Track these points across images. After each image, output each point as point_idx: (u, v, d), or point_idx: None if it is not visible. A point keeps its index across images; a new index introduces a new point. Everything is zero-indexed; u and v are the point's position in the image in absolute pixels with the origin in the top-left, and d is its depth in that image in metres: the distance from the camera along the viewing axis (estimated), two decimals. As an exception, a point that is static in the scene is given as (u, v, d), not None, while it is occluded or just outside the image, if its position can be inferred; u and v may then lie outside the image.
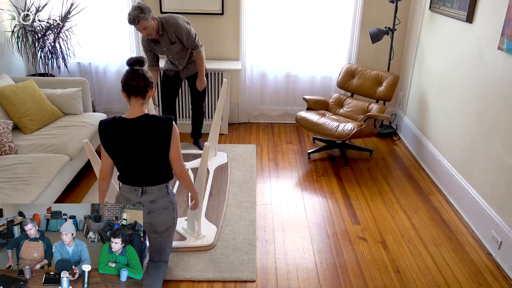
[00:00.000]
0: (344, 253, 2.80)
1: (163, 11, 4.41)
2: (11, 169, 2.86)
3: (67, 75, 4.55)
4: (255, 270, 2.60)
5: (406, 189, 3.59)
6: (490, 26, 2.94)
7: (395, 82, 4.02)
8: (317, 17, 4.51)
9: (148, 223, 2.26)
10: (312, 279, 2.56)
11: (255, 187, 3.54)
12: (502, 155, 2.76)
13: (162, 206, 2.26)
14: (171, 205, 2.30)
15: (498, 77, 2.83)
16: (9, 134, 3.18)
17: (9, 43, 4.16)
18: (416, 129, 4.24)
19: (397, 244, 2.89)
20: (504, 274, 2.64)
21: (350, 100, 4.25)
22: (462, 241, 2.95)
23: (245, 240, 2.88)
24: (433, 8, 3.90)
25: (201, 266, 2.62)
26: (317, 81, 4.77)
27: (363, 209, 3.30)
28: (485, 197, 2.94)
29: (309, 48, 4.64)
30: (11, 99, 3.43)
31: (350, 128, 3.68)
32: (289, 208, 3.29)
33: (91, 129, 3.62)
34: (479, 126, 3.06)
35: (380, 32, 4.30)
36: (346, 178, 3.76)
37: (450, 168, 3.45)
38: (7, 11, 4.13)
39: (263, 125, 4.92)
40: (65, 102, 3.78)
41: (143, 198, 2.22)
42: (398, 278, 2.59)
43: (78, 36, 4.43)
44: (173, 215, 2.34)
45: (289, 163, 4.00)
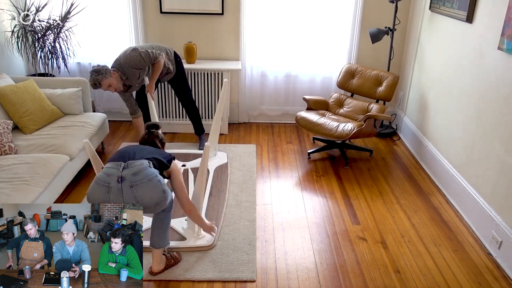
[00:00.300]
0: (344, 253, 2.80)
1: (163, 11, 4.41)
2: (11, 169, 2.86)
3: (67, 75, 4.55)
4: (255, 270, 2.60)
5: (406, 189, 3.59)
6: (490, 26, 2.94)
7: (395, 82, 4.02)
8: (317, 17, 4.51)
9: (133, 197, 2.16)
10: (312, 279, 2.56)
11: (255, 187, 3.54)
12: (502, 155, 2.76)
13: (146, 178, 2.17)
14: (155, 177, 2.21)
15: (498, 77, 2.83)
16: (9, 134, 3.18)
17: (9, 43, 4.16)
18: (416, 129, 4.24)
19: (397, 244, 2.89)
20: (504, 274, 2.64)
21: (350, 100, 4.25)
22: (462, 241, 2.95)
23: (245, 240, 2.88)
24: (433, 8, 3.90)
25: (201, 266, 2.62)
26: (317, 81, 4.77)
27: (363, 209, 3.30)
28: (485, 197, 2.94)
29: (309, 48, 4.64)
30: (11, 99, 3.43)
31: (350, 128, 3.68)
32: (289, 208, 3.29)
33: (91, 129, 3.62)
34: (479, 126, 3.06)
35: (380, 32, 4.30)
36: (346, 178, 3.76)
37: (450, 168, 3.45)
38: (7, 11, 4.13)
39: (263, 125, 4.92)
40: (65, 102, 3.78)
41: (124, 172, 2.17)
42: (398, 278, 2.59)
43: (78, 36, 4.43)
44: (160, 187, 2.21)
45: (289, 163, 4.00)
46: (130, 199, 2.15)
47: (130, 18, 4.45)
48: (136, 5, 4.38)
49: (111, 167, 2.22)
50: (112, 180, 2.16)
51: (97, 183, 2.18)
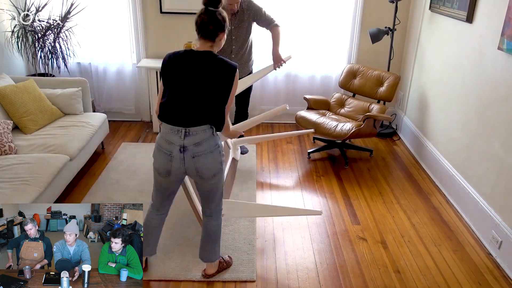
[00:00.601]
0: (344, 253, 2.80)
1: (163, 11, 4.41)
2: (11, 169, 2.86)
3: (67, 75, 4.55)
4: (255, 270, 2.60)
5: (406, 189, 3.59)
6: (490, 26, 2.94)
7: (396, 82, 4.02)
8: (317, 17, 4.51)
9: (194, 167, 2.13)
10: (312, 279, 2.56)
11: (255, 187, 3.54)
12: (502, 155, 2.76)
13: (208, 149, 2.12)
14: (217, 148, 2.17)
15: (498, 77, 2.83)
16: (9, 134, 3.18)
17: (9, 43, 4.16)
18: (416, 129, 4.24)
19: (397, 244, 2.89)
20: (504, 274, 2.64)
21: (351, 100, 4.25)
22: (462, 241, 2.95)
23: (245, 240, 2.88)
24: (433, 8, 3.90)
25: (201, 266, 2.62)
26: (317, 81, 4.77)
27: (363, 209, 3.30)
28: (485, 197, 2.94)
29: (309, 48, 4.63)
30: (11, 99, 3.43)
31: (348, 128, 3.68)
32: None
33: (91, 129, 3.62)
34: (479, 126, 3.06)
35: (380, 32, 4.30)
36: (346, 178, 3.76)
37: (450, 168, 3.45)
38: (7, 11, 4.13)
39: (263, 125, 4.92)
40: (65, 102, 3.78)
41: (186, 140, 2.09)
42: (398, 278, 2.59)
43: (78, 36, 4.43)
44: (219, 159, 2.20)
45: (289, 163, 4.00)
46: (191, 169, 2.14)
47: (130, 18, 4.45)
48: (136, 5, 4.38)
49: (171, 131, 2.11)
50: (174, 149, 2.10)
51: (159, 150, 2.14)
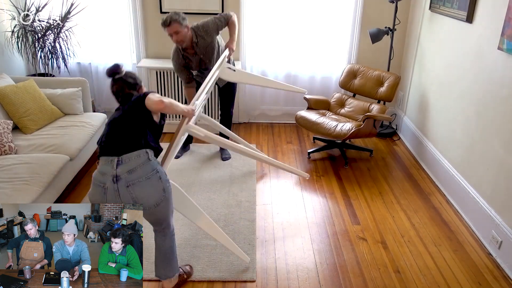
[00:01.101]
0: (344, 253, 2.80)
1: (163, 11, 4.41)
2: (11, 169, 2.86)
3: (67, 75, 4.55)
4: (255, 270, 2.60)
5: (406, 189, 3.59)
6: (490, 26, 2.94)
7: (397, 82, 4.02)
8: (317, 17, 4.51)
9: (130, 198, 1.98)
10: (312, 279, 2.56)
11: (255, 187, 3.54)
12: (502, 155, 2.76)
13: (143, 176, 1.97)
14: (155, 173, 2.00)
15: (498, 77, 2.83)
16: (9, 134, 3.18)
17: (9, 43, 4.16)
18: (416, 129, 4.24)
19: (397, 244, 2.89)
20: (504, 274, 2.64)
21: (351, 100, 4.25)
22: (462, 241, 2.95)
23: (245, 240, 2.87)
24: (433, 8, 3.90)
25: (201, 266, 2.62)
26: (317, 81, 4.77)
27: (363, 209, 3.30)
28: (485, 197, 2.94)
29: (309, 48, 4.64)
30: (11, 99, 3.43)
31: (348, 128, 3.68)
32: (289, 208, 3.29)
33: (91, 129, 3.62)
34: (479, 126, 3.06)
35: (380, 32, 4.30)
36: (346, 178, 3.76)
37: (450, 168, 3.45)
38: (7, 11, 4.13)
39: (263, 125, 4.92)
40: (65, 102, 3.78)
41: (119, 169, 1.97)
42: (398, 278, 2.59)
43: (78, 36, 4.43)
44: (160, 186, 2.03)
45: (289, 163, 4.00)
46: (128, 200, 2.00)
47: (130, 18, 4.45)
48: (136, 5, 4.39)
49: (104, 163, 2.01)
50: (107, 179, 1.99)
51: (94, 183, 2.06)
